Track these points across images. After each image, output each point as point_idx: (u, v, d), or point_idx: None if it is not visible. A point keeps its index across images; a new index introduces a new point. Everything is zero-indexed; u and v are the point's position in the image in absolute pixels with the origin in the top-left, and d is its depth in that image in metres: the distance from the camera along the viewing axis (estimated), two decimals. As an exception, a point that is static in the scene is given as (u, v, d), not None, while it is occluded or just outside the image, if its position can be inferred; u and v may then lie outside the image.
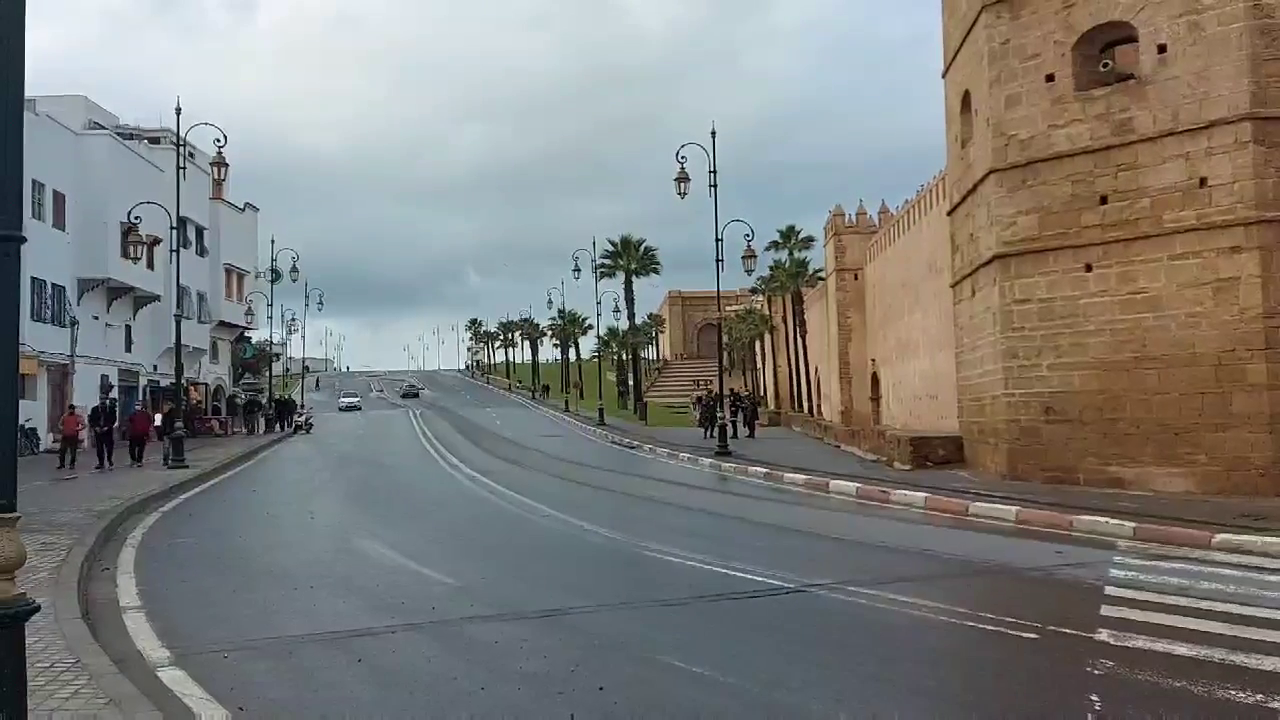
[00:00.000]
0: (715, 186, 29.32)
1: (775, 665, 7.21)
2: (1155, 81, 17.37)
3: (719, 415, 31.69)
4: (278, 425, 47.97)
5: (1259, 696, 6.28)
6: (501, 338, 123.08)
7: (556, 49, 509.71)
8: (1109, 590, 9.64)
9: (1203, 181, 16.81)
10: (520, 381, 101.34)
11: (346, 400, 74.82)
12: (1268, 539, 11.82)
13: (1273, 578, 10.15)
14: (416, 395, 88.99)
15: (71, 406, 29.24)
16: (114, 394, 38.44)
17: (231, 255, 51.12)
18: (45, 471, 24.03)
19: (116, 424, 29.90)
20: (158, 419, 33.80)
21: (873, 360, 46.18)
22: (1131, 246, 17.67)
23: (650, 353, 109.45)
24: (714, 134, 29.08)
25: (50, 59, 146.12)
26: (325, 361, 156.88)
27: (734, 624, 8.61)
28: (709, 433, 36.82)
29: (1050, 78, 18.75)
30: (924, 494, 17.24)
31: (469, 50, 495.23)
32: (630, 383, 71.31)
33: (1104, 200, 18.04)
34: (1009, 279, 19.47)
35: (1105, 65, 18.43)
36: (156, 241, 36.86)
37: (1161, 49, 17.24)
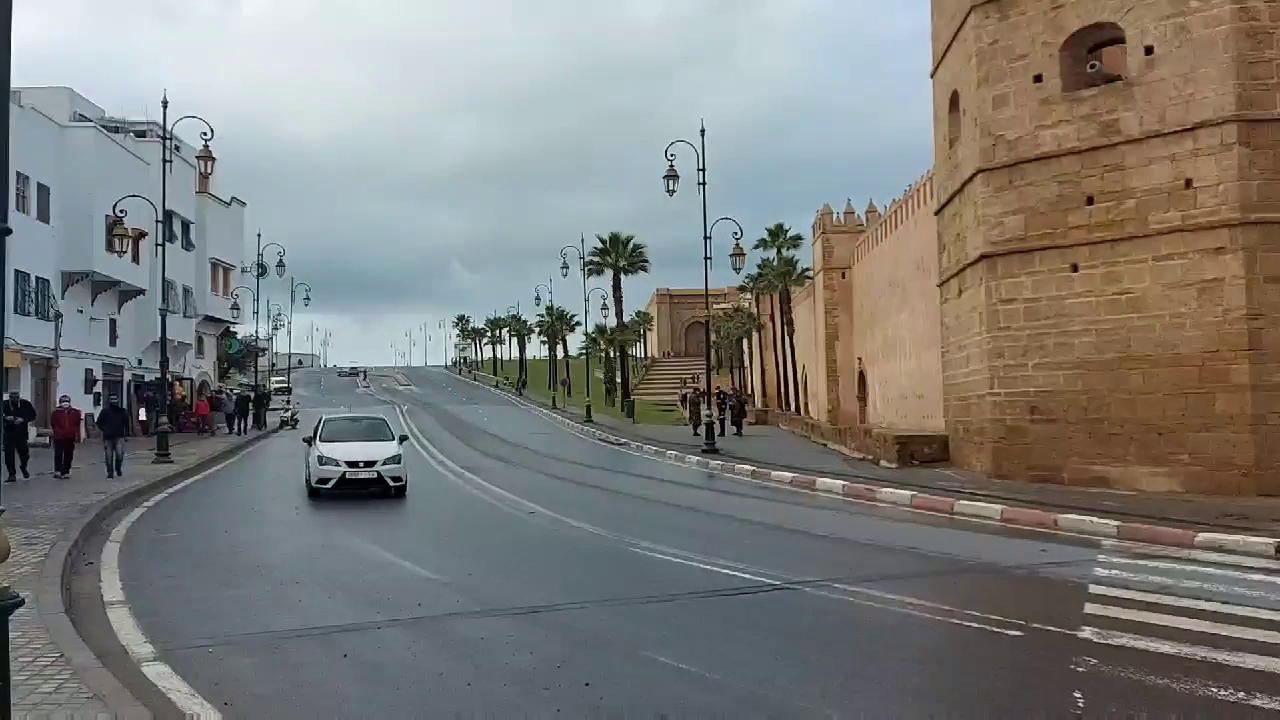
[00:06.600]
0: (704, 184, 29.34)
1: (762, 662, 7.23)
2: (1142, 83, 17.46)
3: (706, 412, 31.69)
4: (244, 421, 42.69)
5: (1241, 694, 6.33)
6: (489, 334, 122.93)
7: (548, 40, 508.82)
8: (1093, 588, 9.70)
9: (1188, 183, 16.90)
10: (507, 378, 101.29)
11: (330, 454, 18.73)
12: (1250, 538, 11.92)
13: (1254, 577, 10.23)
14: (364, 374, 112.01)
15: None
16: (98, 388, 38.21)
17: (217, 249, 50.76)
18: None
19: (32, 420, 23.49)
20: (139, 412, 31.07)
21: (859, 359, 46.29)
22: (1117, 247, 17.76)
23: (638, 350, 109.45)
24: (703, 132, 29.25)
25: (33, 46, 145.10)
26: (312, 357, 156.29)
27: (721, 621, 8.62)
28: (698, 429, 36.83)
29: (1038, 78, 18.82)
30: (910, 492, 17.30)
31: (459, 41, 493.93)
32: (618, 380, 71.23)
33: (1090, 201, 18.13)
34: (995, 279, 19.54)
35: (1093, 66, 18.53)
36: (142, 235, 36.59)
37: (1149, 50, 17.32)
